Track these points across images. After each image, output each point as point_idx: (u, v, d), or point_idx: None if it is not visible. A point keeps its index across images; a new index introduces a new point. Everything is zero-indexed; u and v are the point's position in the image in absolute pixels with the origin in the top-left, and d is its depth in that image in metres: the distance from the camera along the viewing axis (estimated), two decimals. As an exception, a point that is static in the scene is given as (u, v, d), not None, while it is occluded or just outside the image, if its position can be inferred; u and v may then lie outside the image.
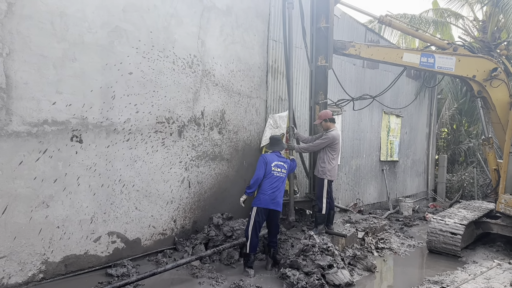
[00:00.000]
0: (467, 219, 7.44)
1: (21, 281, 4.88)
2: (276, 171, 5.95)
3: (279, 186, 5.91)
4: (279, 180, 5.94)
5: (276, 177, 5.92)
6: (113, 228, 5.80)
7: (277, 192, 5.89)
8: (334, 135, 6.70)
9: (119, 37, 5.70)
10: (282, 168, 6.01)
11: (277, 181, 5.91)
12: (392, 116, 12.87)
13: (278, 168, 5.98)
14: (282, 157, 6.15)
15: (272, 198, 5.84)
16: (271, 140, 6.35)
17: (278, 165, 5.99)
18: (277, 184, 5.90)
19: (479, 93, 7.66)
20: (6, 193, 4.69)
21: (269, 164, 5.95)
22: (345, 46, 7.38)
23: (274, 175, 5.92)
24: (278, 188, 5.90)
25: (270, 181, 5.89)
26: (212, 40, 7.07)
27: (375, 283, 5.99)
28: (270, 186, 5.87)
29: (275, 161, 6.00)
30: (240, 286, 5.20)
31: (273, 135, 6.51)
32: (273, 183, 5.89)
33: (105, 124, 5.62)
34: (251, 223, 5.79)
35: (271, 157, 6.04)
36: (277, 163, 5.99)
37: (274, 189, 5.86)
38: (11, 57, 4.67)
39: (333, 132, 6.75)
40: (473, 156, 16.45)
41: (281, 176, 5.98)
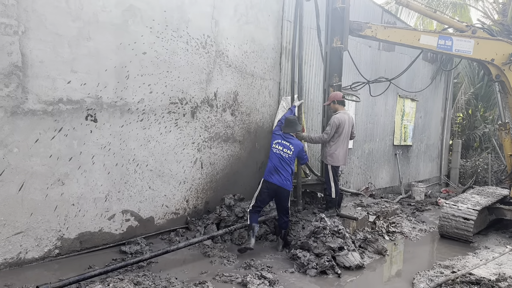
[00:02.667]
0: (480, 205, 7.38)
1: (37, 256, 5.00)
2: (277, 148, 6.02)
3: (277, 165, 5.95)
4: (280, 158, 5.97)
5: (276, 154, 6.00)
6: (127, 206, 5.88)
7: (276, 168, 5.94)
8: (338, 118, 6.56)
9: (133, 16, 5.68)
10: (285, 148, 6.02)
11: (276, 159, 5.98)
12: (407, 100, 12.70)
13: (280, 146, 6.03)
14: (291, 139, 6.12)
15: (270, 172, 5.97)
16: (285, 121, 6.29)
17: (280, 143, 6.05)
18: (275, 162, 5.96)
19: (497, 77, 7.48)
20: (23, 170, 4.78)
21: (272, 141, 6.14)
22: (361, 27, 7.24)
23: (273, 151, 6.03)
24: (276, 166, 5.95)
25: (270, 156, 6.07)
26: (226, 20, 7.01)
27: (385, 266, 6.01)
28: (270, 161, 6.04)
29: (278, 139, 6.10)
30: (251, 266, 5.26)
31: (288, 117, 6.42)
32: (272, 159, 6.02)
33: (119, 104, 5.65)
34: (256, 192, 6.05)
35: (279, 135, 6.16)
36: (280, 142, 6.06)
37: (272, 165, 5.97)
38: (27, 35, 4.69)
39: (338, 115, 6.61)
40: (488, 142, 16.22)
41: (282, 155, 5.98)
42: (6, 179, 4.66)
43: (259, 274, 4.92)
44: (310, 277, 5.21)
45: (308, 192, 7.59)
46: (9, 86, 4.60)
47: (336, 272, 5.28)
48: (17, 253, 4.83)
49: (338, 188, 6.92)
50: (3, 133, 4.60)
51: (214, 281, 4.81)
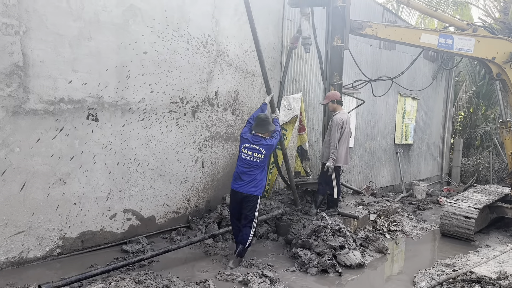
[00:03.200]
0: (481, 203, 7.38)
1: (39, 255, 5.02)
2: (245, 153, 5.37)
3: (244, 171, 5.35)
4: (247, 164, 5.35)
5: (243, 160, 5.38)
6: (128, 205, 5.90)
7: (242, 175, 5.35)
8: (341, 118, 6.54)
9: (134, 15, 5.69)
10: (254, 152, 5.33)
11: (244, 164, 5.37)
12: (408, 98, 12.69)
13: (249, 151, 5.35)
14: (261, 140, 5.39)
15: (235, 178, 5.43)
16: (256, 120, 5.58)
17: (249, 148, 5.36)
18: (243, 169, 5.37)
19: (498, 75, 7.48)
20: (25, 170, 4.80)
21: (240, 145, 5.48)
22: (362, 26, 7.24)
23: (241, 156, 5.41)
24: (243, 172, 5.36)
25: (239, 163, 5.46)
26: (226, 20, 7.01)
27: (386, 265, 6.02)
28: (237, 166, 5.46)
29: (246, 143, 5.39)
30: (252, 264, 5.28)
31: (259, 115, 5.68)
32: (239, 165, 5.43)
33: (120, 103, 5.66)
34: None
35: (247, 137, 5.44)
36: (248, 146, 5.37)
37: (239, 171, 5.40)
38: (28, 35, 4.70)
39: (338, 116, 6.60)
40: (489, 140, 16.19)
41: (251, 160, 5.33)
42: (8, 179, 4.68)
43: (260, 273, 4.94)
44: (311, 275, 5.22)
45: (309, 191, 7.60)
46: (10, 86, 4.61)
47: (337, 271, 5.29)
48: (19, 252, 4.85)
49: (340, 188, 6.93)
50: (4, 133, 4.61)
51: (215, 280, 4.83)
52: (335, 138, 6.54)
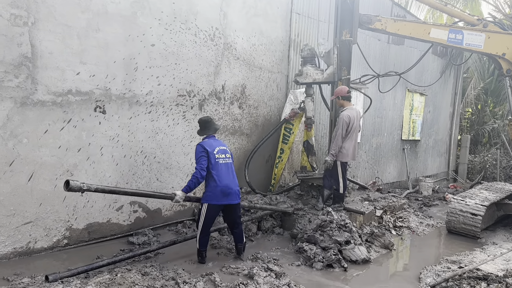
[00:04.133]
0: (488, 200, 7.32)
1: (46, 245, 5.06)
2: (221, 157, 4.99)
3: (230, 176, 5.02)
4: (228, 167, 5.03)
5: (224, 165, 4.99)
6: (134, 198, 5.92)
7: (229, 182, 4.96)
8: (347, 115, 6.46)
9: (141, 8, 5.68)
10: (227, 153, 5.09)
11: (226, 170, 4.99)
12: (416, 94, 12.60)
13: (222, 154, 5.02)
14: (221, 141, 5.30)
15: (225, 192, 4.91)
16: (200, 123, 5.23)
17: (221, 151, 5.03)
18: (227, 175, 4.98)
19: (508, 71, 7.40)
20: (32, 161, 4.82)
21: (211, 152, 4.93)
22: (371, 20, 7.17)
23: (220, 163, 4.95)
24: (230, 179, 5.00)
25: (219, 172, 4.93)
26: (234, 13, 6.98)
27: (392, 260, 6.00)
28: (220, 178, 4.90)
29: (216, 146, 5.01)
30: (258, 258, 5.28)
31: (201, 117, 5.36)
32: (223, 173, 4.95)
33: (127, 95, 5.67)
34: (201, 220, 4.97)
35: (210, 143, 5.03)
36: (219, 149, 5.02)
37: (225, 180, 4.93)
38: (36, 26, 4.71)
39: (345, 112, 6.51)
40: (497, 138, 16.06)
41: (228, 162, 5.06)
42: (16, 170, 4.71)
43: (265, 267, 4.94)
44: (316, 270, 5.21)
45: (315, 186, 7.58)
46: (18, 77, 4.63)
47: (342, 266, 5.29)
48: (26, 242, 4.89)
49: (346, 183, 6.90)
50: (13, 124, 4.63)
51: (220, 272, 4.83)
52: (338, 135, 6.49)
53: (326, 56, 7.18)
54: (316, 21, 8.67)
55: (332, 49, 7.06)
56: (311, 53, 7.23)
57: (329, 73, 7.04)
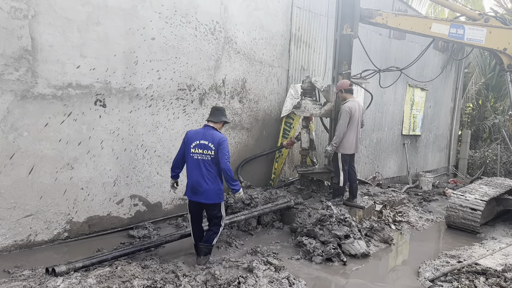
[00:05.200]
0: (488, 195, 7.33)
1: (47, 238, 5.08)
2: (197, 153, 4.66)
3: (202, 174, 4.65)
4: (200, 164, 4.66)
5: (196, 161, 4.67)
6: (135, 191, 5.94)
7: (200, 180, 4.66)
8: (349, 106, 6.48)
9: (142, 1, 5.66)
10: (205, 149, 4.64)
11: (198, 167, 4.67)
12: (416, 89, 12.57)
13: (200, 149, 4.65)
14: (210, 133, 4.72)
15: (193, 188, 4.70)
16: (212, 109, 4.99)
17: (199, 145, 4.66)
18: (198, 172, 4.66)
19: (509, 66, 7.38)
20: (33, 154, 4.83)
21: (189, 144, 4.71)
22: (372, 14, 7.15)
23: (194, 158, 4.67)
24: (201, 176, 4.65)
25: (190, 166, 4.73)
26: (235, 6, 6.96)
27: (391, 255, 6.02)
28: (190, 173, 4.72)
29: (196, 140, 4.69)
30: (257, 252, 5.30)
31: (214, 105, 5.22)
32: (194, 169, 4.69)
33: (128, 89, 5.66)
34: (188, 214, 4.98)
35: (194, 134, 4.76)
36: (199, 143, 4.67)
37: (195, 176, 4.68)
38: (36, 19, 4.70)
39: (347, 104, 6.53)
40: (498, 133, 16.04)
41: (203, 159, 4.65)
42: (17, 163, 4.72)
43: (265, 260, 4.96)
44: (315, 264, 5.24)
45: (315, 181, 7.60)
46: (19, 70, 4.62)
47: (341, 260, 5.31)
48: (27, 235, 4.91)
49: (355, 175, 6.91)
50: (13, 117, 4.64)
51: (220, 266, 4.85)
52: (341, 126, 6.51)
53: (326, 91, 7.17)
54: (317, 15, 8.65)
55: (332, 86, 7.08)
56: (311, 86, 7.30)
57: (327, 109, 7.11)
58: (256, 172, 7.80)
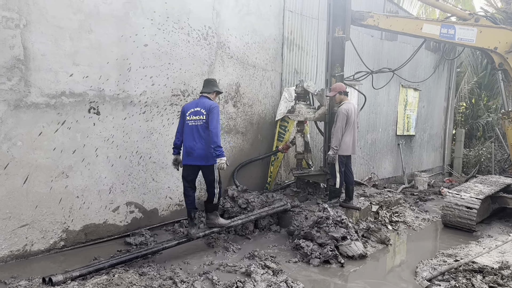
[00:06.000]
0: (483, 194, 7.37)
1: (43, 248, 5.05)
2: (191, 119, 5.17)
3: (195, 137, 5.12)
4: (196, 129, 5.13)
5: (190, 127, 5.17)
6: (131, 198, 5.92)
7: (193, 143, 5.12)
8: (346, 109, 6.51)
9: (134, 8, 5.67)
10: (198, 115, 5.13)
11: (191, 132, 5.15)
12: (409, 89, 12.65)
13: (194, 115, 5.16)
14: (203, 101, 5.22)
15: (187, 152, 5.17)
16: (204, 81, 5.48)
17: (193, 112, 5.17)
18: (192, 136, 5.14)
19: (501, 65, 7.45)
20: (27, 163, 4.81)
21: (185, 113, 5.26)
22: (363, 16, 7.20)
23: (189, 124, 5.18)
24: (194, 139, 5.12)
25: (186, 133, 5.23)
26: (227, 11, 6.98)
27: (388, 255, 6.03)
28: (185, 139, 5.22)
29: (191, 108, 5.21)
30: (255, 256, 5.29)
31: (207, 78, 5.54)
32: (188, 134, 5.19)
33: (121, 96, 5.66)
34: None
35: (189, 105, 5.31)
36: (193, 110, 5.18)
37: (189, 141, 5.16)
38: (28, 28, 4.69)
39: (344, 106, 6.56)
40: (491, 131, 16.15)
41: (196, 124, 5.13)
42: (11, 172, 4.69)
43: (263, 264, 4.96)
44: (313, 266, 5.24)
45: (311, 183, 7.61)
46: (11, 79, 4.61)
47: (339, 262, 5.31)
48: (23, 245, 4.88)
49: (352, 177, 6.93)
50: (6, 127, 4.62)
51: (218, 271, 4.85)
52: (338, 128, 6.53)
53: (319, 95, 7.21)
54: (309, 18, 8.69)
55: (325, 89, 7.11)
56: (305, 91, 7.33)
57: (321, 113, 7.15)
58: (252, 176, 7.80)
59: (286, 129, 7.94)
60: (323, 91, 7.14)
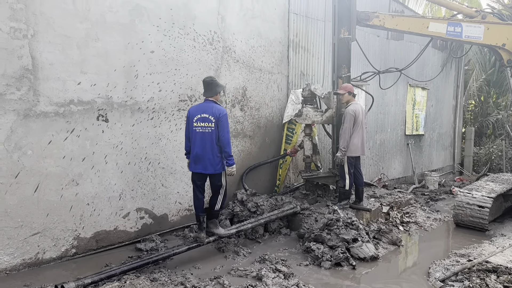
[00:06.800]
0: (495, 192, 7.28)
1: (55, 256, 5.09)
2: (199, 126, 5.03)
3: (204, 145, 5.02)
4: (204, 136, 5.02)
5: (198, 134, 5.04)
6: (141, 204, 5.94)
7: (201, 151, 5.03)
8: (353, 110, 6.47)
9: (140, 15, 5.71)
10: (207, 122, 5.01)
11: (200, 139, 5.04)
12: (417, 88, 12.57)
13: (202, 122, 5.02)
14: (210, 106, 5.08)
15: (195, 160, 5.10)
16: (203, 85, 5.27)
17: (201, 119, 5.03)
18: (200, 143, 5.04)
19: (509, 62, 7.37)
20: (38, 172, 4.85)
21: (191, 120, 5.11)
22: (369, 17, 7.18)
23: (196, 131, 5.05)
24: (202, 147, 5.03)
25: (193, 139, 5.11)
26: (232, 16, 7.00)
27: (400, 256, 5.98)
28: (193, 146, 5.11)
29: (198, 114, 5.06)
30: (266, 259, 5.28)
31: (205, 78, 5.32)
32: (195, 141, 5.07)
33: (129, 103, 5.69)
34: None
35: (195, 110, 5.15)
36: (200, 116, 5.04)
37: (197, 148, 5.06)
38: (36, 38, 4.74)
39: (351, 107, 6.53)
40: (502, 129, 15.98)
41: (204, 131, 5.02)
42: (22, 181, 4.74)
43: (273, 268, 4.94)
44: (324, 269, 5.21)
45: (320, 185, 7.58)
46: (20, 89, 4.66)
47: (350, 264, 5.28)
48: (35, 253, 4.92)
49: (361, 178, 6.89)
50: (17, 136, 4.67)
51: (229, 275, 4.84)
52: (346, 129, 6.50)
53: (326, 98, 7.20)
54: (314, 20, 8.69)
55: (331, 92, 7.11)
56: (312, 94, 7.31)
57: (328, 116, 7.13)
58: (261, 179, 7.80)
59: (293, 132, 7.93)
60: (330, 94, 7.12)
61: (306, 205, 6.78)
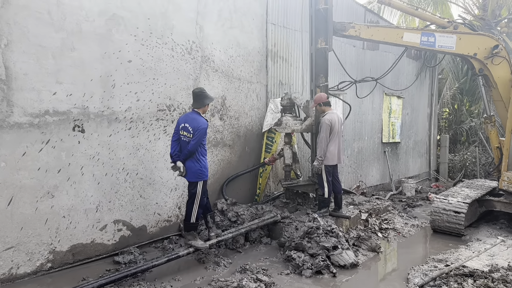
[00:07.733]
0: (470, 198, 7.46)
1: (29, 270, 4.94)
2: (182, 134, 5.33)
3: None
4: (184, 145, 5.33)
5: (182, 142, 5.35)
6: (118, 216, 5.84)
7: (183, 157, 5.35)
8: (329, 119, 6.56)
9: (116, 25, 5.66)
10: (186, 132, 5.30)
11: (183, 147, 5.35)
12: (393, 97, 12.81)
13: (184, 131, 5.31)
14: (194, 118, 5.30)
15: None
16: (192, 96, 5.48)
17: (184, 128, 5.31)
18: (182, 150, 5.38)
19: (481, 71, 7.61)
20: (11, 184, 4.72)
21: (177, 127, 5.41)
22: (345, 27, 7.31)
23: (182, 139, 5.35)
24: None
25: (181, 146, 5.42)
26: (210, 25, 7.02)
27: (380, 263, 6.04)
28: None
29: (182, 123, 5.35)
30: (246, 269, 5.24)
31: (194, 89, 5.60)
32: (182, 149, 5.39)
33: (106, 113, 5.62)
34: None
35: (182, 119, 5.42)
36: (183, 125, 5.31)
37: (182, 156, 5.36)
38: (10, 48, 4.65)
39: (327, 116, 6.62)
40: (475, 136, 16.41)
41: (185, 140, 5.31)
42: (-6, 194, 4.59)
43: (254, 277, 4.92)
44: (305, 277, 5.21)
45: (300, 193, 7.61)
46: (-7, 100, 4.54)
47: (331, 272, 5.29)
48: (9, 268, 4.76)
49: (339, 186, 6.94)
50: (-11, 148, 4.53)
51: (209, 287, 4.79)
52: (322, 138, 6.57)
53: (305, 107, 7.27)
54: (292, 30, 8.78)
55: (310, 101, 7.18)
56: (291, 103, 7.38)
57: (308, 124, 7.19)
58: (241, 188, 7.77)
59: (273, 140, 7.96)
60: (308, 102, 7.19)
61: (286, 214, 6.79)
